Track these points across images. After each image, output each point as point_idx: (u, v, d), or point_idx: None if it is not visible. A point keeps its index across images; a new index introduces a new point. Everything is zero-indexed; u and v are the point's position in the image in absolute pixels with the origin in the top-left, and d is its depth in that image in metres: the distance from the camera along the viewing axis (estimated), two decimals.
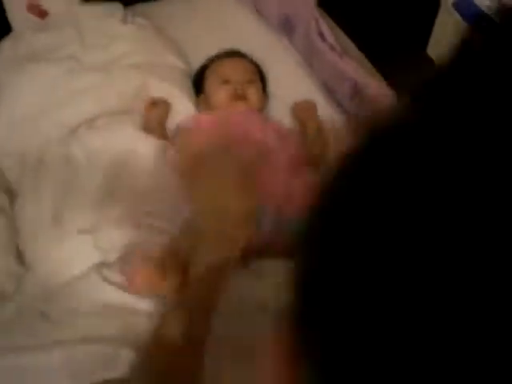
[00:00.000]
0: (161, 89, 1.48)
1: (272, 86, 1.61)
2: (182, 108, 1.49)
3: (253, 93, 1.48)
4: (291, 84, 1.62)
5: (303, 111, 1.50)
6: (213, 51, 1.64)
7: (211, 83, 1.51)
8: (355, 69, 1.47)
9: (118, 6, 1.61)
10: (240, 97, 1.46)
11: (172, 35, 1.67)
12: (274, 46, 1.71)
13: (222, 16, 1.77)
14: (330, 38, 1.53)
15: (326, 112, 1.53)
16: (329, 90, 1.59)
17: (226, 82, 1.48)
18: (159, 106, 1.44)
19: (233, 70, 1.50)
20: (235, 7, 1.78)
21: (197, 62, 1.64)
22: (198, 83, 1.55)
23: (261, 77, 1.56)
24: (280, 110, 1.57)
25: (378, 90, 1.42)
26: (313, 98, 1.58)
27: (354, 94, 1.46)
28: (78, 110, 1.39)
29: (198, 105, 1.53)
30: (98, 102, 1.41)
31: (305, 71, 1.66)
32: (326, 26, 1.55)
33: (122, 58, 1.49)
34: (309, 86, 1.63)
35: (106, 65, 1.46)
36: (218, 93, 1.48)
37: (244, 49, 1.65)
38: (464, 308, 0.24)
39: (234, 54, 1.57)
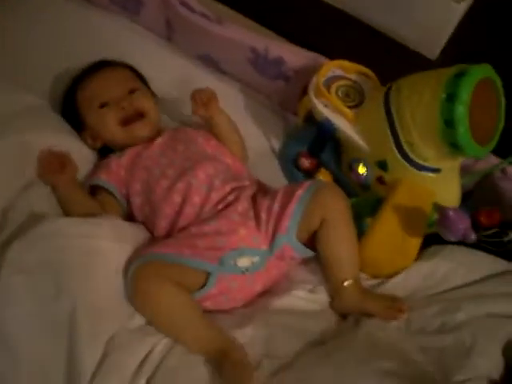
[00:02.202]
0: (46, 144, 1.11)
1: None
2: (80, 156, 1.16)
3: (143, 103, 1.19)
4: (161, 68, 1.36)
5: (204, 106, 1.18)
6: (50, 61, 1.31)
7: (88, 113, 1.18)
8: (243, 32, 1.28)
9: None
10: (133, 116, 1.17)
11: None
12: (118, 30, 1.40)
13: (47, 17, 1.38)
14: (198, 7, 1.30)
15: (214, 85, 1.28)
16: (209, 61, 1.38)
17: (104, 103, 1.17)
18: (68, 166, 1.11)
19: (104, 87, 1.18)
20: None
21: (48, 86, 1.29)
22: (73, 117, 1.20)
23: (140, 78, 1.27)
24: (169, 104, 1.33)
25: (281, 49, 1.27)
26: (192, 74, 1.37)
27: (255, 59, 1.29)
28: None
29: (85, 142, 1.20)
30: None
31: (169, 48, 1.41)
32: None
33: None
34: (182, 63, 1.39)
35: None
36: (103, 122, 1.16)
37: (82, 47, 1.34)
38: None
39: (100, 66, 1.23)
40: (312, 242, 1.06)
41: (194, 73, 1.37)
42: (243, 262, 1.01)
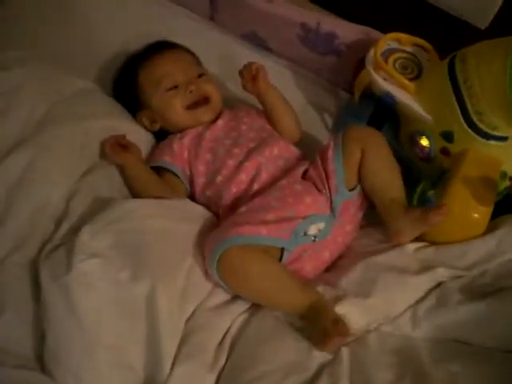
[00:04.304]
0: (103, 128, 1.11)
1: None
2: (137, 138, 1.15)
3: (210, 88, 1.19)
4: (206, 48, 1.33)
5: (252, 81, 1.17)
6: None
7: (153, 95, 1.17)
8: (293, 9, 1.27)
9: None
10: (200, 101, 1.17)
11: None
12: (160, 10, 1.39)
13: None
14: None
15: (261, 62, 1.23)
16: (256, 39, 1.37)
17: (173, 87, 1.17)
18: (130, 149, 1.10)
19: (174, 69, 1.18)
20: None
21: (92, 72, 1.29)
22: (132, 97, 1.20)
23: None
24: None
25: (333, 24, 1.26)
26: (238, 52, 1.35)
27: (305, 35, 1.28)
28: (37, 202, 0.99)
29: (141, 124, 1.20)
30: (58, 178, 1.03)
31: (213, 28, 1.40)
32: None
33: (33, 117, 1.06)
34: (228, 42, 1.38)
35: (27, 135, 1.03)
36: (171, 105, 1.16)
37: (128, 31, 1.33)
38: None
39: (163, 47, 1.22)
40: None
41: (240, 51, 1.36)
42: (312, 229, 1.03)
